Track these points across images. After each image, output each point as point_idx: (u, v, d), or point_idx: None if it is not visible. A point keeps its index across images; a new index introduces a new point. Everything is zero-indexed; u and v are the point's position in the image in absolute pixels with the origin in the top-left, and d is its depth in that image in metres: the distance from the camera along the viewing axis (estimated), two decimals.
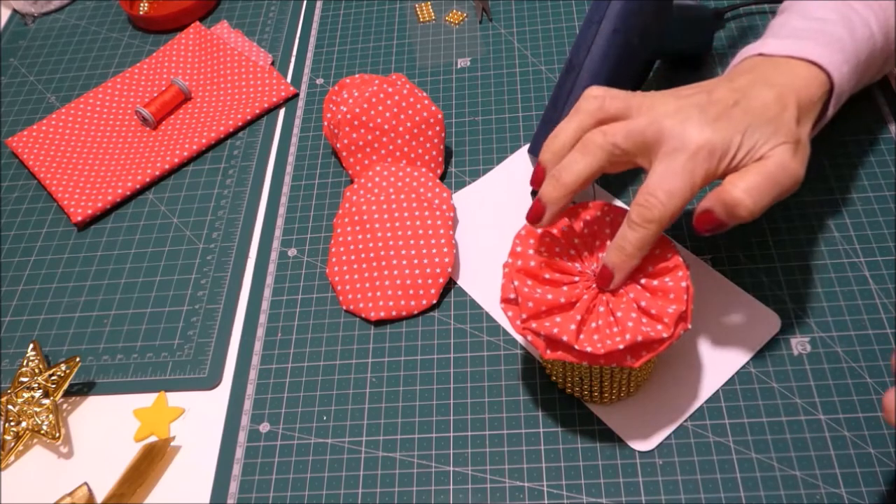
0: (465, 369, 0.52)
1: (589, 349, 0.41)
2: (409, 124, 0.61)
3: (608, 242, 0.44)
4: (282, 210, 0.64)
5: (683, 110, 0.42)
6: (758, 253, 0.54)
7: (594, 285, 0.43)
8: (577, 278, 0.43)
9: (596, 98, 0.44)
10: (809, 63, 0.44)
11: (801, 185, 0.57)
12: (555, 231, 0.45)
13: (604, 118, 0.43)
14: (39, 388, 0.53)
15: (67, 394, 0.56)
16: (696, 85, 0.44)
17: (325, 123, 0.64)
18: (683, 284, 0.42)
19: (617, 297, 0.42)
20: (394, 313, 0.55)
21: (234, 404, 0.53)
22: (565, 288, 0.43)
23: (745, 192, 0.40)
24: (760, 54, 0.46)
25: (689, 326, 0.43)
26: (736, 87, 0.43)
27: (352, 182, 0.64)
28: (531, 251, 0.44)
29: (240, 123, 0.70)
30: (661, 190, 0.40)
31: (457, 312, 0.55)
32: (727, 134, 0.41)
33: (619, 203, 0.59)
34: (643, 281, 0.43)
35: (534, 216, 0.44)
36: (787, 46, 0.45)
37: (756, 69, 0.44)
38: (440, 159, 0.63)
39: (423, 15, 0.77)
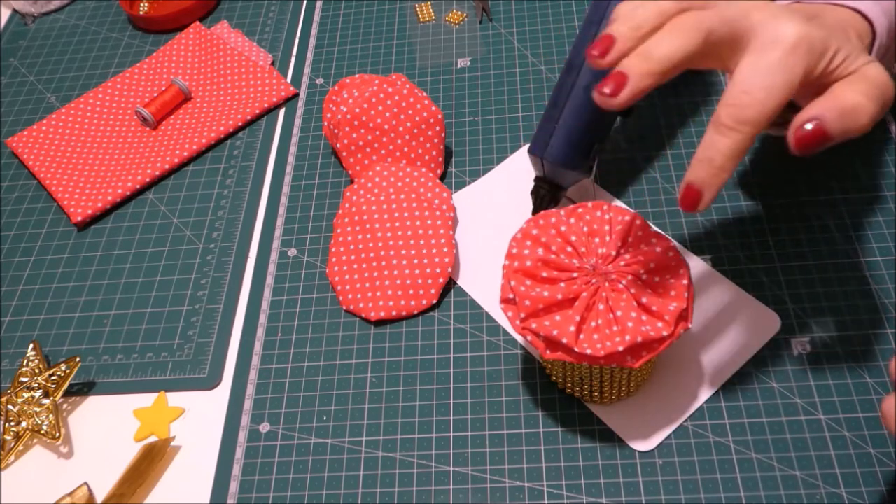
0: (465, 369, 0.52)
1: (589, 351, 0.41)
2: (409, 124, 0.61)
3: (607, 239, 0.44)
4: (282, 210, 0.64)
5: (769, 7, 0.37)
6: (758, 253, 0.54)
7: (593, 280, 0.43)
8: (575, 274, 0.43)
9: None
10: (852, 10, 0.42)
11: (801, 185, 0.58)
12: (553, 232, 0.45)
13: (687, 7, 0.38)
14: (39, 388, 0.53)
15: (67, 394, 0.56)
16: None
17: (325, 123, 0.64)
18: (685, 282, 0.42)
19: (617, 293, 0.42)
20: (394, 313, 0.55)
21: (234, 404, 0.53)
22: (563, 284, 0.43)
23: (865, 95, 0.35)
24: (797, 1, 0.43)
25: (690, 326, 0.43)
26: (799, 8, 0.39)
27: (352, 182, 0.64)
28: (527, 252, 0.44)
29: (240, 123, 0.70)
30: (757, 86, 0.35)
31: (457, 312, 0.55)
32: (823, 33, 0.36)
33: (619, 203, 0.59)
34: (644, 277, 0.43)
35: (614, 88, 0.36)
36: None
37: (805, 9, 0.42)
38: (440, 159, 0.63)
39: (423, 15, 0.77)
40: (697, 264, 0.54)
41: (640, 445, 0.47)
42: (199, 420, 0.53)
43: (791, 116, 0.39)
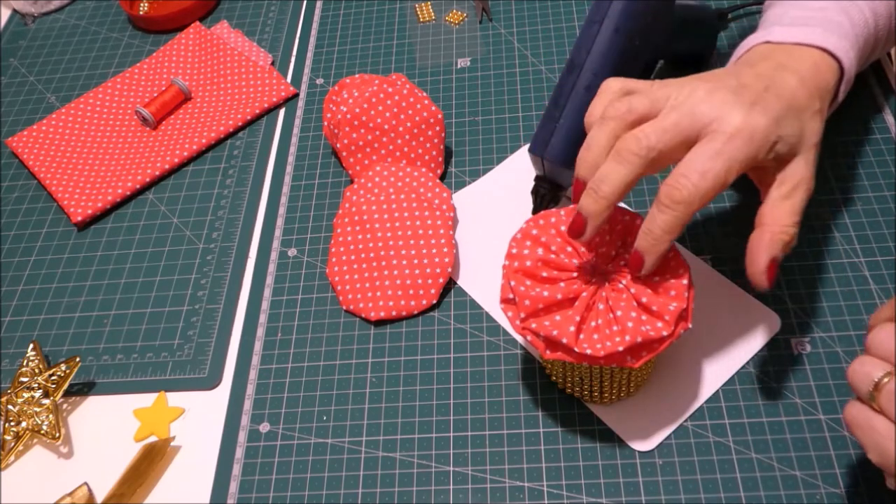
0: (465, 369, 0.52)
1: (589, 351, 0.41)
2: (409, 124, 0.61)
3: (607, 239, 0.44)
4: (282, 210, 0.64)
5: (716, 93, 0.40)
6: None
7: (593, 280, 0.43)
8: (575, 274, 0.43)
9: (621, 99, 0.42)
10: (820, 50, 0.44)
11: None
12: (553, 232, 0.45)
13: (634, 120, 0.41)
14: (39, 388, 0.53)
15: (67, 394, 0.56)
16: (716, 71, 0.43)
17: (325, 123, 0.64)
18: (685, 282, 0.42)
19: (617, 293, 0.42)
20: (394, 313, 0.55)
21: (234, 404, 0.53)
22: (562, 284, 0.43)
23: (797, 225, 0.42)
24: (767, 42, 0.45)
25: (690, 326, 0.43)
26: (760, 72, 0.42)
27: (352, 182, 0.64)
28: (527, 252, 0.44)
29: (240, 123, 0.70)
30: (693, 170, 0.38)
31: (457, 312, 0.55)
32: (766, 120, 0.39)
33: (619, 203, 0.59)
34: (644, 277, 0.43)
35: (576, 231, 0.42)
36: (795, 34, 0.45)
37: (772, 56, 0.44)
38: (440, 159, 0.63)
39: (423, 15, 0.77)
40: (697, 264, 0.54)
41: (640, 445, 0.47)
42: (199, 420, 0.53)
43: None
